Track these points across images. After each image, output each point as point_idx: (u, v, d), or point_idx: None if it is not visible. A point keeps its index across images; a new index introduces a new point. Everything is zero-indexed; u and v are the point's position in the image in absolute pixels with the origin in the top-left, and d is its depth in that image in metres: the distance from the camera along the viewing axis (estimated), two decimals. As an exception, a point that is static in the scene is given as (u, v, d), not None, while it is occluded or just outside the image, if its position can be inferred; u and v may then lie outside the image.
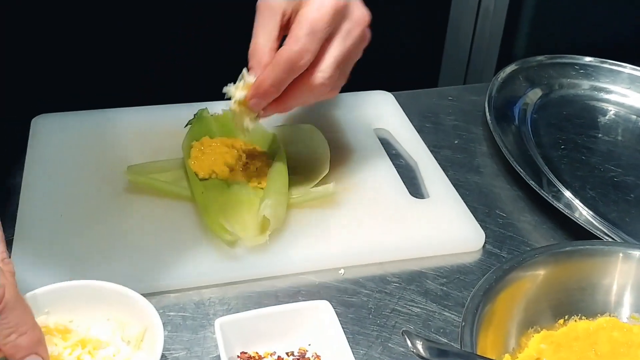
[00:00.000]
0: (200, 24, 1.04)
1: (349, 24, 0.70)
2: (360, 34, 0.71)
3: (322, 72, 0.69)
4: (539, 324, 0.65)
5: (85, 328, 0.61)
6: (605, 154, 0.93)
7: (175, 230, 0.74)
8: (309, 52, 0.67)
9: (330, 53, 0.69)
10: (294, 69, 0.68)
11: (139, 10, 0.99)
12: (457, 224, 0.79)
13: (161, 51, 1.00)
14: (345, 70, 0.72)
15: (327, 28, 0.68)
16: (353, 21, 0.70)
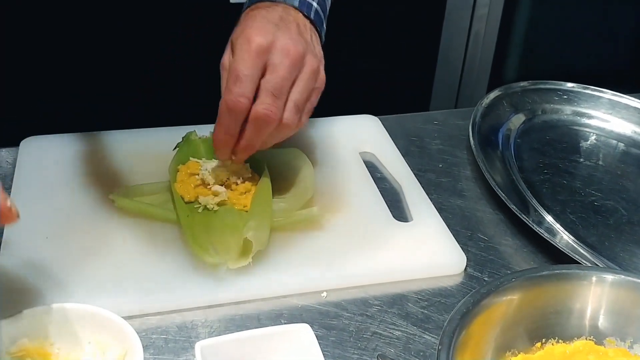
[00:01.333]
0: (190, 48, 1.06)
1: (277, 57, 0.74)
2: (289, 61, 0.74)
3: (260, 104, 0.73)
4: (516, 347, 0.66)
5: (66, 351, 0.62)
6: (586, 179, 0.95)
7: (159, 253, 0.75)
8: (242, 96, 0.73)
9: (262, 87, 0.74)
10: (236, 114, 0.74)
11: (126, 33, 1.00)
12: (439, 247, 0.80)
13: (149, 73, 1.01)
14: (292, 97, 0.76)
15: (252, 70, 0.73)
16: (280, 53, 0.74)
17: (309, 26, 0.81)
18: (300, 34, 0.78)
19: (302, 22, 0.80)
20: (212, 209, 0.80)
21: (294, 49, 0.75)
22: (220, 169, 0.82)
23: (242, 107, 0.73)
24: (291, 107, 0.75)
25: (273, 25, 0.76)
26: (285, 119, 0.75)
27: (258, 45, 0.73)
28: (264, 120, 0.74)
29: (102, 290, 0.70)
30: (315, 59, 0.77)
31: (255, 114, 0.73)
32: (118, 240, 0.77)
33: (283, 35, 0.75)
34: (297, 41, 0.76)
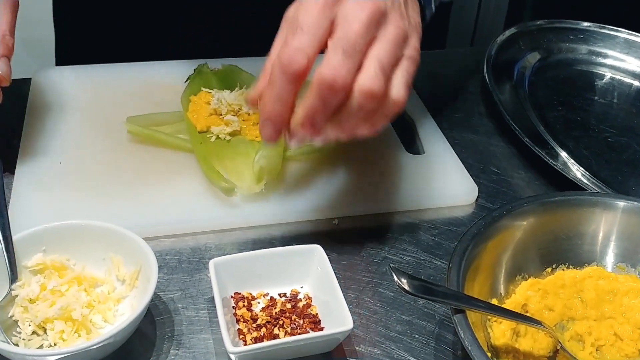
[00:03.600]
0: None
1: (348, 9, 0.57)
2: (365, 15, 0.57)
3: (324, 64, 0.56)
4: (527, 271, 0.66)
5: (81, 266, 0.63)
6: (600, 116, 0.94)
7: (173, 178, 0.76)
8: (301, 50, 0.56)
9: (330, 45, 0.57)
10: (292, 73, 0.56)
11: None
12: (451, 179, 0.80)
13: (162, 8, 1.00)
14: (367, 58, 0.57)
15: (317, 23, 0.57)
16: (353, 5, 0.57)
17: None
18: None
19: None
20: (225, 139, 0.80)
21: (372, 3, 0.57)
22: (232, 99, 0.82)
23: (299, 67, 0.55)
24: (372, 67, 0.56)
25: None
26: (363, 84, 0.56)
27: (372, 14, 0.57)
28: (330, 85, 0.55)
29: (115, 212, 0.71)
30: (402, 20, 0.59)
31: (319, 76, 0.55)
32: (131, 166, 0.77)
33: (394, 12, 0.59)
34: (402, 19, 0.59)
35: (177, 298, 0.65)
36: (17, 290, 0.60)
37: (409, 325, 0.64)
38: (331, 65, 0.55)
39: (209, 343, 0.61)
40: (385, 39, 0.58)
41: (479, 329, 0.58)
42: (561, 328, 0.63)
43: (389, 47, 0.57)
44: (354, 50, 0.56)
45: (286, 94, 0.57)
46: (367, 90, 0.56)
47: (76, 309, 0.58)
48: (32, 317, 0.58)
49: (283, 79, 0.56)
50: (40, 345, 0.58)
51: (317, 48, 0.56)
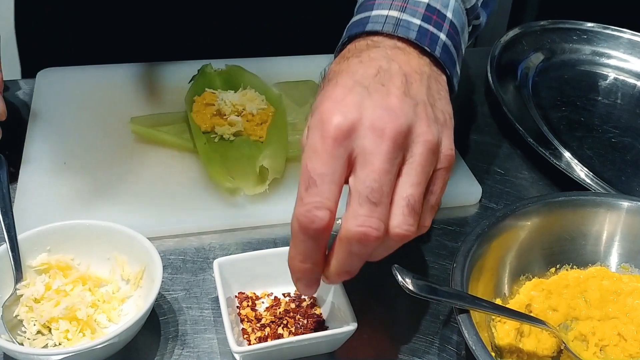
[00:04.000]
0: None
1: (365, 140, 0.51)
2: (387, 145, 0.51)
3: (349, 218, 0.51)
4: (531, 271, 0.66)
5: (85, 266, 0.63)
6: (604, 116, 0.94)
7: (177, 179, 0.76)
8: (319, 207, 0.50)
9: (352, 191, 0.51)
10: (315, 234, 0.51)
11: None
12: (454, 179, 0.80)
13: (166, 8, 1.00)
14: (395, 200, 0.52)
15: (329, 170, 0.50)
16: (371, 134, 0.51)
17: (429, 72, 0.56)
18: (407, 92, 0.53)
19: (417, 66, 0.56)
20: (228, 139, 0.81)
21: (391, 123, 0.51)
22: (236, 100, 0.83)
23: (320, 225, 0.50)
24: (401, 211, 0.51)
25: (362, 88, 0.52)
26: (395, 230, 0.51)
27: (336, 129, 0.50)
28: (361, 241, 0.50)
29: (120, 212, 0.71)
30: (430, 128, 0.52)
31: (347, 233, 0.50)
32: (135, 166, 0.77)
33: (375, 104, 0.52)
34: (397, 109, 0.52)
35: (182, 298, 0.65)
36: (22, 289, 0.60)
37: (412, 325, 0.64)
38: (359, 218, 0.50)
39: (213, 343, 0.61)
40: (413, 169, 0.52)
41: (483, 329, 0.58)
42: (565, 328, 0.63)
43: (418, 180, 0.52)
44: (380, 196, 0.50)
45: (313, 252, 0.52)
46: (400, 236, 0.52)
47: (81, 309, 0.58)
48: (37, 316, 0.58)
49: (306, 239, 0.52)
50: (45, 345, 0.58)
51: (337, 194, 0.51)
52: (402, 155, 0.52)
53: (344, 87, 0.53)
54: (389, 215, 0.51)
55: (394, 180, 0.51)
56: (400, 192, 0.51)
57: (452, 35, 0.59)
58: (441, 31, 0.58)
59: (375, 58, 0.55)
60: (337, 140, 0.50)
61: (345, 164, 0.51)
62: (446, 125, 0.55)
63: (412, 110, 0.52)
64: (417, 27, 0.57)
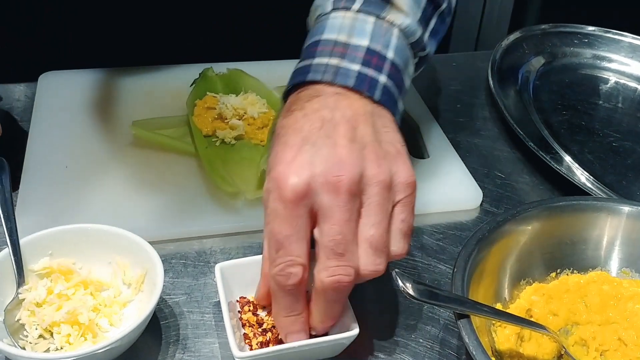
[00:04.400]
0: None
1: (323, 197, 0.54)
2: (342, 198, 0.53)
3: (320, 271, 0.54)
4: (531, 276, 0.66)
5: (87, 270, 0.63)
6: (604, 120, 0.94)
7: (178, 182, 0.76)
8: (292, 265, 0.54)
9: (319, 245, 0.55)
10: (292, 289, 0.55)
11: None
12: (455, 183, 0.80)
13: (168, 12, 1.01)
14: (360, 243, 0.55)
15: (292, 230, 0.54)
16: (326, 190, 0.53)
17: (372, 110, 0.59)
18: (353, 138, 0.55)
19: (359, 108, 0.58)
20: (230, 143, 0.81)
21: (343, 176, 0.53)
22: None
23: (296, 280, 0.54)
24: (366, 252, 0.54)
25: (309, 145, 0.55)
26: (364, 271, 0.55)
27: (293, 192, 0.53)
28: (335, 289, 0.55)
29: (121, 216, 0.71)
30: (381, 168, 0.55)
31: (321, 285, 0.54)
32: (137, 170, 0.77)
33: (324, 159, 0.54)
34: (346, 159, 0.54)
35: (183, 302, 0.65)
36: (24, 294, 0.60)
37: (413, 330, 0.64)
38: (329, 270, 0.54)
39: (215, 347, 0.61)
40: (371, 209, 0.55)
41: (483, 333, 0.58)
42: (565, 333, 0.63)
43: (377, 219, 0.55)
44: (345, 246, 0.54)
45: (294, 305, 0.56)
46: (370, 275, 0.55)
47: (83, 313, 0.58)
48: (39, 320, 0.58)
49: (286, 295, 0.56)
50: (46, 349, 0.58)
51: (306, 249, 0.54)
52: (359, 201, 0.55)
53: (293, 147, 0.55)
54: (357, 257, 0.55)
55: (356, 224, 0.55)
56: (363, 234, 0.55)
57: (393, 74, 0.61)
58: (381, 73, 0.60)
59: (318, 109, 0.57)
60: (296, 201, 0.53)
61: (307, 220, 0.54)
62: (399, 154, 0.58)
63: (360, 156, 0.55)
64: (356, 74, 0.59)
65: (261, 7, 1.01)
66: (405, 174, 0.57)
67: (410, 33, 0.63)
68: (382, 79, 0.60)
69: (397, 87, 0.62)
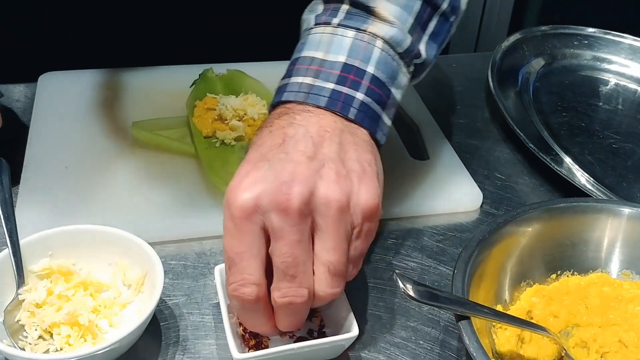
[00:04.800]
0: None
1: (272, 218, 0.52)
2: (291, 220, 0.52)
3: (275, 290, 0.54)
4: (532, 278, 0.66)
5: (87, 271, 0.63)
6: (604, 122, 0.94)
7: (178, 183, 0.76)
8: (245, 284, 0.53)
9: (273, 264, 0.54)
10: (250, 306, 0.55)
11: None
12: (455, 184, 0.80)
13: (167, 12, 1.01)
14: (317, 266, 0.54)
15: (243, 247, 0.53)
16: (275, 212, 0.52)
17: (342, 127, 0.57)
18: (312, 156, 0.54)
19: (328, 125, 0.57)
20: (230, 144, 0.81)
21: (292, 195, 0.52)
22: None
23: (250, 299, 0.54)
24: (323, 277, 0.54)
25: (264, 162, 0.54)
26: (320, 294, 0.54)
27: (240, 208, 0.52)
28: (289, 308, 0.54)
29: (121, 217, 0.71)
30: (337, 186, 0.53)
31: (276, 304, 0.55)
32: (137, 171, 0.77)
33: (275, 177, 0.53)
34: (297, 178, 0.52)
35: (183, 303, 0.65)
36: (24, 294, 0.60)
37: (413, 332, 0.64)
38: (282, 290, 0.53)
39: (214, 349, 0.61)
40: (325, 233, 0.53)
41: (483, 335, 0.58)
42: (566, 335, 0.63)
43: (333, 244, 0.53)
44: (296, 269, 0.53)
45: (258, 319, 0.56)
46: (326, 299, 0.55)
47: (83, 314, 0.58)
48: (38, 321, 0.58)
49: (246, 310, 0.55)
50: (46, 350, 0.58)
51: (260, 267, 0.53)
52: (310, 220, 0.53)
53: (249, 162, 0.55)
54: (312, 278, 0.54)
55: (309, 245, 0.53)
56: (320, 258, 0.54)
57: (372, 90, 0.60)
58: (358, 90, 0.59)
59: (283, 126, 0.56)
60: (244, 218, 0.52)
61: (261, 236, 0.53)
62: (365, 174, 0.56)
63: (314, 174, 0.53)
64: (329, 92, 0.58)
65: (261, 7, 1.01)
66: (365, 197, 0.55)
67: (396, 43, 0.62)
68: (358, 95, 0.59)
69: (379, 102, 0.60)
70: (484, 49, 1.27)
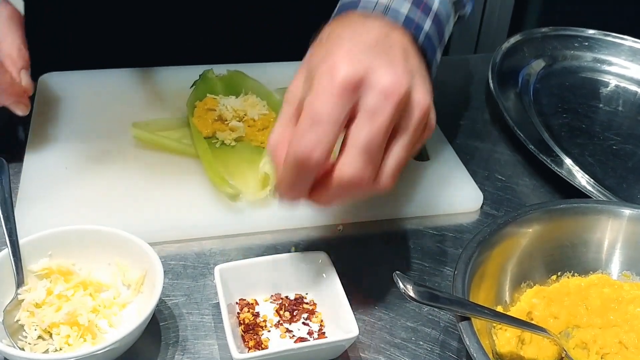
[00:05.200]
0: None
1: (373, 98, 0.54)
2: (391, 107, 0.54)
3: (346, 164, 0.54)
4: (532, 279, 0.66)
5: (86, 271, 0.63)
6: (605, 123, 0.94)
7: (178, 184, 0.76)
8: (319, 146, 0.53)
9: (351, 138, 0.54)
10: (307, 169, 0.54)
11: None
12: (455, 185, 0.80)
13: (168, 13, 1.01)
14: (391, 156, 0.56)
15: (335, 113, 0.53)
16: (378, 94, 0.53)
17: (415, 53, 0.59)
18: (406, 62, 0.57)
19: (408, 46, 0.59)
20: (230, 145, 0.81)
21: (397, 86, 0.53)
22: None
23: (315, 162, 0.53)
24: (389, 172, 0.56)
25: (368, 48, 0.55)
26: (379, 184, 0.56)
27: (346, 80, 0.53)
28: (352, 185, 0.55)
29: (121, 217, 0.71)
30: (424, 98, 0.56)
31: (341, 176, 0.54)
32: (137, 172, 0.77)
33: (382, 66, 0.54)
34: (402, 74, 0.55)
35: (182, 303, 0.65)
36: (23, 294, 0.60)
37: (413, 332, 0.64)
38: (354, 167, 0.54)
39: (214, 349, 0.61)
40: (407, 133, 0.56)
41: (484, 336, 0.58)
42: (566, 336, 0.63)
43: (410, 141, 0.56)
44: (377, 151, 0.54)
45: (302, 185, 0.56)
46: (377, 188, 0.56)
47: (82, 314, 0.58)
48: (38, 321, 0.58)
49: (299, 173, 0.55)
50: (45, 350, 0.58)
51: (335, 139, 0.54)
52: (399, 117, 0.55)
53: (351, 43, 0.55)
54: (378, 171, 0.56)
55: (387, 142, 0.55)
56: (392, 155, 0.56)
57: (435, 26, 0.64)
58: (425, 22, 0.63)
59: (373, 27, 0.57)
60: (346, 90, 0.53)
61: (348, 113, 0.54)
62: (431, 100, 0.59)
63: (411, 78, 0.56)
64: (403, 17, 0.62)
65: (261, 8, 1.01)
66: (431, 121, 0.59)
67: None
68: (426, 25, 0.62)
69: (439, 37, 0.64)
70: (485, 50, 1.27)
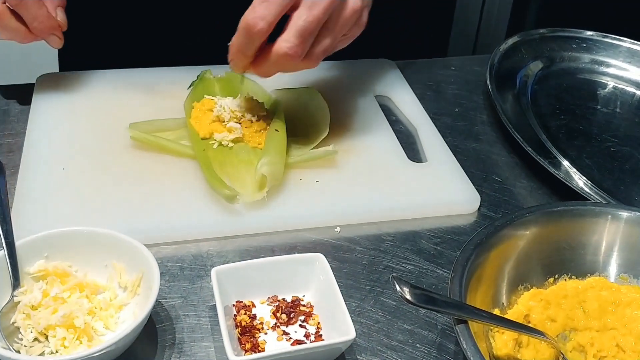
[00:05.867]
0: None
1: (340, 10, 0.69)
2: (327, 2, 0.68)
3: (285, 41, 0.69)
4: (529, 281, 0.66)
5: (83, 273, 0.63)
6: (602, 125, 0.94)
7: (175, 185, 0.76)
8: (263, 19, 0.68)
9: (292, 22, 0.69)
10: (252, 35, 0.69)
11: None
12: (453, 187, 0.80)
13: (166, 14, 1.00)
14: (321, 41, 0.71)
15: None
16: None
17: None
18: None
19: None
20: (227, 146, 0.81)
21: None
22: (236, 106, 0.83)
23: (259, 30, 0.68)
24: (317, 53, 0.71)
25: None
26: (307, 62, 0.71)
27: None
28: (285, 59, 0.70)
29: (117, 218, 0.71)
30: (356, 1, 0.71)
31: (279, 50, 0.69)
32: (134, 173, 0.77)
33: None
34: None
35: (179, 305, 0.65)
36: (19, 296, 0.60)
37: (410, 335, 0.64)
38: (289, 44, 0.69)
39: (211, 351, 0.61)
40: (339, 25, 0.70)
41: (481, 339, 0.58)
42: (563, 339, 0.63)
43: (340, 32, 0.71)
44: (310, 34, 0.69)
45: (247, 49, 0.71)
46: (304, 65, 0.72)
47: (79, 316, 0.58)
48: (34, 323, 0.58)
49: (246, 38, 0.70)
50: (42, 352, 0.58)
51: (279, 16, 0.68)
52: (334, 9, 0.69)
53: None
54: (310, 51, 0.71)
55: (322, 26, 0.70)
56: (322, 41, 0.71)
57: None
58: None
59: None
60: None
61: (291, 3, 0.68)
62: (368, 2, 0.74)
63: None
64: None
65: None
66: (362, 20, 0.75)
67: None
68: None
69: None
70: (482, 51, 1.27)
